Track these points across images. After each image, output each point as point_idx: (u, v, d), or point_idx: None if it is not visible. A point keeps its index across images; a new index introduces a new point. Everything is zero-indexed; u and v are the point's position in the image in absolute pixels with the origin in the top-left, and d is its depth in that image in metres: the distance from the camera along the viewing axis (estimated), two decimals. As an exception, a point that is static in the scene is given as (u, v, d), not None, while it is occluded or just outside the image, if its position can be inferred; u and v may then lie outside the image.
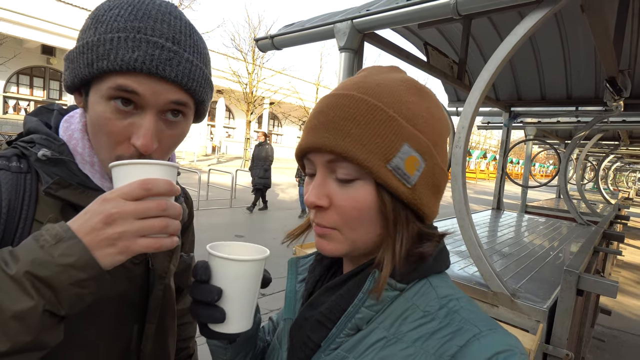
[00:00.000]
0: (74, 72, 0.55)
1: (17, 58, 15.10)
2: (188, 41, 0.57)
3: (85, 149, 0.61)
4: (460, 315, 0.45)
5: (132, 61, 0.52)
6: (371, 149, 0.45)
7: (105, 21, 0.54)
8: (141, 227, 0.45)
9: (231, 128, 26.30)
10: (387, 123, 0.46)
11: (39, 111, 0.66)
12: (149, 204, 0.45)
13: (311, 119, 0.50)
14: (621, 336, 3.91)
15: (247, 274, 0.51)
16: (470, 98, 1.41)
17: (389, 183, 0.46)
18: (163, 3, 0.57)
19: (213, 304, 0.50)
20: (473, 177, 33.30)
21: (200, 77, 0.59)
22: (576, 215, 3.88)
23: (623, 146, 6.87)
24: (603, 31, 1.73)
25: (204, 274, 0.50)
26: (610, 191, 10.94)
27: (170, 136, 0.59)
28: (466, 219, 1.44)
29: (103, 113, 0.54)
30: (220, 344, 0.62)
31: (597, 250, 2.24)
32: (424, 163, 0.48)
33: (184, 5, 17.34)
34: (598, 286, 1.39)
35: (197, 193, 8.27)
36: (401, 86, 0.50)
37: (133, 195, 0.45)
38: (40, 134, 0.60)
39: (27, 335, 0.41)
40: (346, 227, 0.49)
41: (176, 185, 0.49)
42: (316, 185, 0.49)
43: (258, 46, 2.14)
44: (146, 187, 0.45)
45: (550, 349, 1.36)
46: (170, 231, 0.47)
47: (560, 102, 3.74)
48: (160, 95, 0.55)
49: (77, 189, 0.58)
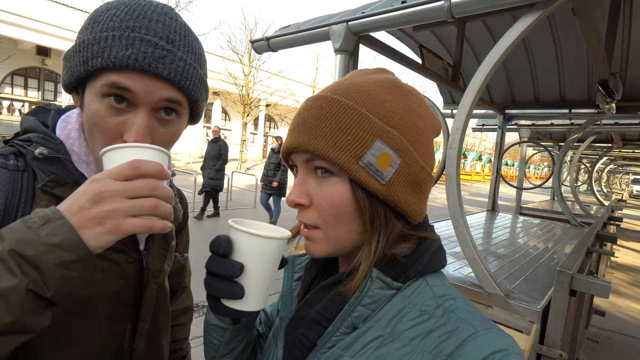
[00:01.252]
0: (71, 71, 0.56)
1: (12, 59, 14.99)
2: (182, 41, 0.58)
3: (81, 148, 0.62)
4: (457, 314, 0.46)
5: (125, 58, 0.52)
6: (342, 146, 0.46)
7: (101, 21, 0.54)
8: (130, 206, 0.44)
9: (227, 130, 26.26)
10: (358, 120, 0.47)
11: (36, 111, 0.67)
12: (138, 182, 0.45)
13: (293, 120, 0.52)
14: (615, 337, 3.94)
15: (270, 251, 0.50)
16: (464, 100, 1.42)
17: (361, 179, 0.47)
18: (159, 4, 0.58)
19: (233, 280, 0.48)
20: (468, 179, 33.46)
21: (194, 76, 0.59)
22: (570, 216, 3.91)
23: (616, 148, 6.95)
24: (594, 34, 1.76)
25: (227, 247, 0.49)
26: (603, 193, 11.05)
27: (163, 135, 0.59)
28: (460, 220, 1.45)
29: (97, 110, 0.55)
30: (220, 324, 0.60)
31: (591, 251, 2.26)
32: (400, 159, 0.48)
33: (180, 7, 17.33)
34: (591, 286, 1.41)
35: (193, 195, 8.22)
36: (378, 85, 0.50)
37: (122, 175, 0.45)
38: (38, 133, 0.61)
39: (10, 316, 0.40)
40: (325, 224, 0.50)
41: (167, 169, 0.48)
42: (296, 184, 0.51)
43: (254, 48, 2.14)
44: (135, 165, 0.45)
45: (544, 350, 1.37)
46: (160, 212, 0.46)
47: (553, 104, 3.77)
48: (153, 93, 0.55)
49: (73, 187, 0.57)
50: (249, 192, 10.54)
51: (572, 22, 2.59)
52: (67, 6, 15.19)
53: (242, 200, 9.74)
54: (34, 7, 14.20)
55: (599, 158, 8.37)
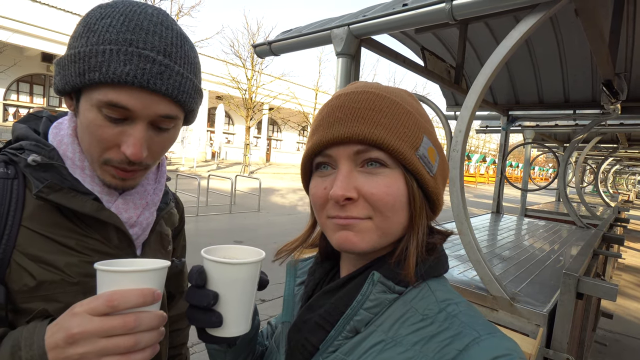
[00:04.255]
0: (65, 79, 0.56)
1: (17, 66, 15.19)
2: (179, 52, 0.58)
3: (75, 154, 0.62)
4: (460, 319, 0.45)
5: (123, 75, 0.52)
6: (401, 137, 0.48)
7: (97, 30, 0.54)
8: (104, 346, 0.43)
9: (231, 134, 26.37)
10: (408, 116, 0.49)
11: (28, 118, 0.67)
12: (114, 321, 0.43)
13: (329, 115, 0.50)
14: (623, 340, 3.89)
15: (242, 277, 0.50)
16: (467, 102, 1.42)
17: (418, 170, 0.49)
18: (155, 12, 0.58)
19: (210, 309, 0.49)
20: (472, 181, 33.33)
21: (190, 88, 0.60)
22: (576, 218, 3.88)
23: (622, 149, 6.89)
24: (598, 35, 1.75)
25: (199, 279, 0.49)
26: (609, 194, 10.96)
27: (159, 142, 0.61)
28: (465, 222, 1.44)
29: (94, 120, 0.55)
30: (219, 348, 0.61)
31: (597, 253, 2.23)
32: (438, 156, 0.53)
33: (183, 12, 17.47)
34: (598, 289, 1.39)
35: (197, 199, 8.26)
36: (401, 90, 0.54)
37: (99, 312, 0.43)
38: (30, 140, 0.61)
39: None
40: (380, 215, 0.48)
41: (156, 290, 0.46)
42: (342, 178, 0.48)
43: (256, 52, 2.15)
44: (111, 304, 0.43)
45: (550, 354, 1.35)
46: (141, 347, 0.45)
47: (557, 105, 3.75)
48: (151, 108, 0.56)
49: (69, 192, 0.58)
50: (252, 195, 10.56)
51: (575, 23, 2.58)
52: (72, 13, 15.39)
53: (246, 204, 9.76)
54: (39, 15, 14.39)
55: (604, 159, 8.30)
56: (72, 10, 15.41)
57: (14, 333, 0.48)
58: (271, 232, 7.34)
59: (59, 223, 0.59)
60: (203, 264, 0.51)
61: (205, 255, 0.51)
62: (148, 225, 0.70)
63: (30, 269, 0.56)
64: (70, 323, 0.44)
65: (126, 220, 0.65)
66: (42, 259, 0.57)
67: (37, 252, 0.57)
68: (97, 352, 0.43)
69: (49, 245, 0.58)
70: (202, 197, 8.83)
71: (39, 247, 0.57)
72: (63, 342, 0.43)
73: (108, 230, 0.64)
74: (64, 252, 0.59)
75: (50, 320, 0.48)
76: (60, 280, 0.58)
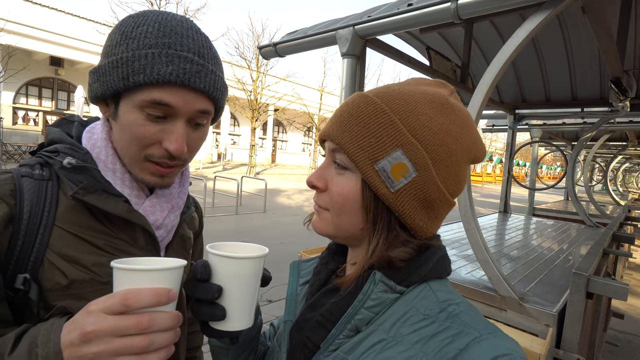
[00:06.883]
0: (106, 85, 0.59)
1: (26, 70, 15.36)
2: (209, 53, 0.63)
3: (108, 157, 0.65)
4: (460, 318, 0.46)
5: (167, 75, 0.57)
6: (363, 146, 0.49)
7: (135, 37, 0.58)
8: (118, 346, 0.43)
9: (236, 135, 26.46)
10: (386, 126, 0.49)
11: (60, 122, 0.70)
12: (127, 321, 0.43)
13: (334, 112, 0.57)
14: (635, 340, 3.84)
15: (246, 272, 0.52)
16: (474, 101, 1.41)
17: (371, 181, 0.49)
18: (182, 19, 0.62)
19: (213, 302, 0.51)
20: (479, 180, 33.09)
21: (221, 85, 0.65)
22: (585, 217, 3.84)
23: (631, 146, 6.79)
24: (605, 32, 1.73)
25: (203, 273, 0.51)
26: (619, 192, 10.80)
27: (195, 139, 0.65)
28: (472, 222, 1.44)
29: (136, 120, 0.59)
30: (221, 344, 0.62)
31: (607, 252, 2.21)
32: (416, 174, 0.48)
33: (189, 15, 17.59)
34: (608, 288, 1.37)
35: (203, 200, 8.31)
36: (423, 98, 0.51)
37: (113, 310, 0.43)
38: (65, 144, 0.64)
39: None
40: (332, 211, 0.53)
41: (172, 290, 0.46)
42: (319, 168, 0.56)
43: (261, 54, 2.16)
44: (125, 302, 0.43)
45: (560, 354, 1.34)
46: (156, 347, 0.44)
47: (565, 103, 3.72)
48: (191, 105, 0.60)
49: (102, 194, 0.61)
50: (258, 197, 10.60)
51: (582, 20, 2.55)
52: (79, 17, 15.57)
53: (252, 205, 9.79)
54: (47, 19, 14.58)
55: (613, 157, 8.19)
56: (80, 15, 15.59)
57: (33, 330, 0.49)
58: (277, 233, 7.36)
59: (89, 224, 0.61)
60: (207, 258, 0.53)
61: (210, 249, 0.52)
62: (172, 228, 0.72)
63: (63, 267, 0.58)
64: (85, 321, 0.44)
65: (153, 222, 0.67)
66: (73, 258, 0.59)
67: (69, 251, 0.59)
68: (111, 352, 0.43)
69: (80, 245, 0.60)
70: (208, 198, 8.88)
71: (71, 247, 0.59)
72: (78, 340, 0.44)
73: (135, 231, 0.66)
74: (94, 252, 0.61)
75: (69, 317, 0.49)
76: (91, 279, 0.60)
